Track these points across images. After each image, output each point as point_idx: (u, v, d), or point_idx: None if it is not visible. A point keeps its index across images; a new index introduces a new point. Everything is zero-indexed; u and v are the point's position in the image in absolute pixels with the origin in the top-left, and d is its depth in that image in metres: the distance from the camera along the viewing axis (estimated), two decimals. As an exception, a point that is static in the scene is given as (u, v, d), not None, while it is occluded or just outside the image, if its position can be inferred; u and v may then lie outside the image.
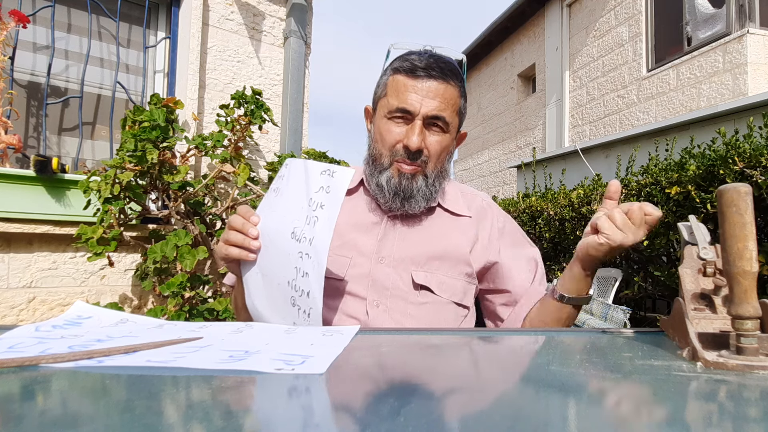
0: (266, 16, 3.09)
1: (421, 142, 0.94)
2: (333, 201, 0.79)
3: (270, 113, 2.67)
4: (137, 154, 2.10)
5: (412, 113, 0.94)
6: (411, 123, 0.95)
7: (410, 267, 0.97)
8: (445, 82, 0.95)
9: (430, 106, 0.94)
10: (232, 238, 0.85)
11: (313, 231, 0.78)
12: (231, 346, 0.55)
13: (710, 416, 0.37)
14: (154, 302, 2.61)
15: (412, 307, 0.96)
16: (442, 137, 0.98)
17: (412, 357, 0.58)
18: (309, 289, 0.78)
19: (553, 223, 3.83)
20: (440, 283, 0.98)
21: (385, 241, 0.99)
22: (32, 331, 0.60)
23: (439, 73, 0.95)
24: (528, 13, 8.63)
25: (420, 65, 0.95)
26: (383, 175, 0.97)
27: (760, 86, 4.87)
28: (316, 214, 0.79)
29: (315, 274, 0.77)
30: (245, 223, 0.85)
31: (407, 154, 0.95)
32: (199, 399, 0.41)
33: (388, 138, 0.96)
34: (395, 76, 0.97)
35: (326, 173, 0.81)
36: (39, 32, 2.58)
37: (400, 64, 0.98)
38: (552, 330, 0.84)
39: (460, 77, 1.00)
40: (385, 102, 0.98)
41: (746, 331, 0.47)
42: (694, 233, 0.61)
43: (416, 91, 0.94)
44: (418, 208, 0.98)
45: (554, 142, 7.91)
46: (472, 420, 0.36)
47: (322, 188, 0.81)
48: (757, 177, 2.12)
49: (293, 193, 0.84)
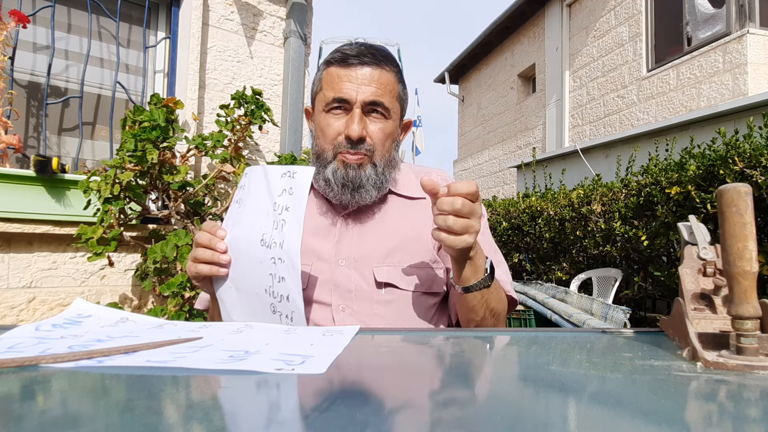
0: (266, 15, 3.09)
1: (362, 130, 0.92)
2: (297, 201, 0.78)
3: (270, 113, 2.67)
4: (137, 154, 2.10)
5: (349, 102, 0.92)
6: (350, 113, 0.93)
7: (371, 264, 0.95)
8: (379, 67, 0.94)
9: (366, 92, 0.92)
10: (200, 255, 0.83)
11: (282, 235, 0.78)
12: (231, 346, 0.55)
13: (710, 416, 0.37)
14: (154, 302, 2.61)
15: (378, 306, 0.93)
16: (384, 124, 0.95)
17: (411, 357, 0.58)
18: (288, 293, 0.77)
19: (553, 223, 3.83)
20: (404, 276, 0.95)
21: (342, 242, 0.97)
22: (32, 331, 0.60)
23: (371, 59, 0.93)
24: (528, 13, 8.63)
25: (352, 53, 0.94)
26: (328, 168, 0.95)
27: (760, 86, 4.87)
28: (283, 218, 0.78)
29: (291, 277, 0.76)
30: (212, 238, 0.83)
31: (350, 144, 0.93)
32: (199, 399, 0.41)
33: (329, 131, 0.94)
34: (328, 69, 0.96)
35: (287, 175, 0.80)
36: (39, 32, 2.57)
37: (332, 56, 0.96)
38: (552, 330, 0.84)
39: (395, 63, 0.98)
40: (322, 96, 0.96)
41: (746, 331, 0.47)
42: (694, 233, 0.61)
43: (350, 79, 0.92)
44: (369, 198, 0.95)
45: (554, 142, 7.91)
46: (473, 420, 0.36)
47: (284, 191, 0.80)
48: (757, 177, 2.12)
49: (256, 200, 0.83)
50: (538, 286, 3.69)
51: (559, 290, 3.33)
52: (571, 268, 3.84)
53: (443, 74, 11.56)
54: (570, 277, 3.77)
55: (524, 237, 4.25)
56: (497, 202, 4.95)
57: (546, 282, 3.84)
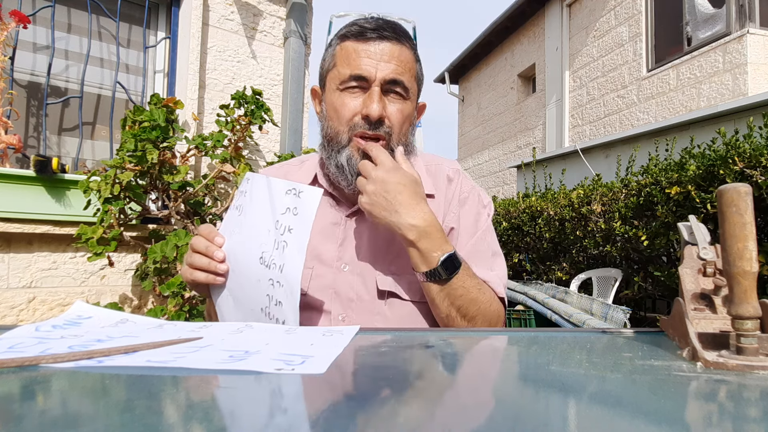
0: (266, 15, 3.09)
1: (382, 109, 0.84)
2: (302, 225, 0.73)
3: (270, 113, 2.67)
4: (137, 154, 2.10)
5: (367, 79, 0.85)
6: (368, 91, 0.85)
7: (375, 271, 0.90)
8: (400, 43, 0.87)
9: (386, 69, 0.85)
10: (197, 261, 0.80)
11: (282, 257, 0.74)
12: (231, 346, 0.55)
13: (710, 416, 0.37)
14: (154, 302, 2.61)
15: (378, 318, 0.89)
16: (403, 105, 0.88)
17: (411, 357, 0.58)
18: (284, 318, 0.74)
19: (553, 223, 3.83)
20: (409, 284, 0.90)
21: (346, 244, 0.92)
22: (32, 331, 0.60)
23: (392, 33, 0.86)
24: (528, 13, 8.63)
25: (369, 27, 0.86)
26: (342, 154, 0.87)
27: (760, 86, 4.87)
28: (285, 239, 0.74)
29: (289, 304, 0.73)
30: (209, 246, 0.80)
31: (368, 124, 0.85)
32: (199, 399, 0.41)
33: (344, 111, 0.86)
34: (343, 44, 0.88)
35: (292, 193, 0.75)
36: (39, 32, 2.57)
37: (348, 29, 0.88)
38: (552, 330, 0.84)
39: (413, 41, 0.92)
40: (336, 73, 0.88)
41: (746, 331, 0.47)
42: (694, 233, 0.61)
43: (369, 55, 0.85)
44: None
45: (554, 142, 7.91)
46: (473, 420, 0.36)
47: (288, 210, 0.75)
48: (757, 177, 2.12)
49: (258, 213, 0.79)
50: (538, 286, 3.69)
51: (559, 290, 3.33)
52: (571, 268, 3.84)
53: (443, 74, 11.55)
54: (570, 277, 3.77)
55: (524, 237, 4.25)
56: (497, 202, 4.95)
57: (546, 282, 3.84)
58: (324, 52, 0.94)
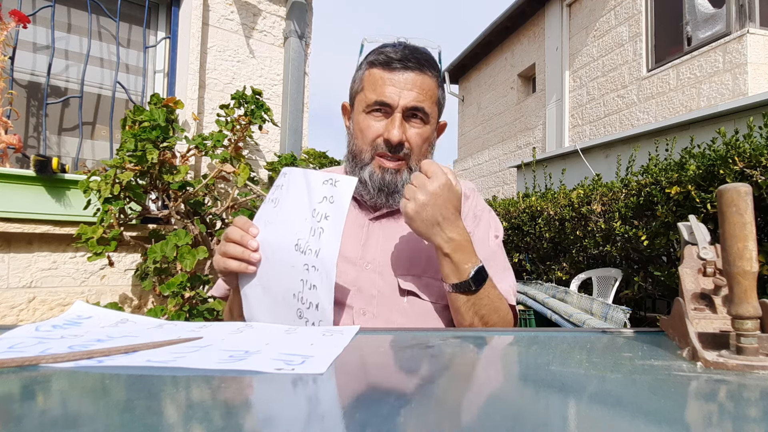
0: (266, 15, 3.09)
1: (402, 134, 0.93)
2: (338, 211, 0.78)
3: (270, 113, 2.67)
4: (137, 154, 2.10)
5: (390, 106, 0.93)
6: (390, 116, 0.94)
7: (397, 272, 0.96)
8: (422, 73, 0.94)
9: (408, 97, 0.93)
10: (231, 250, 0.83)
11: (318, 243, 0.77)
12: (231, 346, 0.55)
13: (710, 416, 0.37)
14: (154, 302, 2.61)
15: (399, 315, 0.93)
16: (423, 129, 0.96)
17: (411, 357, 0.58)
18: (318, 302, 0.77)
19: (553, 223, 3.83)
20: (427, 286, 0.96)
21: (368, 245, 0.98)
22: (32, 331, 0.60)
23: (415, 64, 0.94)
24: (528, 13, 8.63)
25: (396, 57, 0.94)
26: (365, 170, 0.96)
27: (760, 86, 4.87)
28: (321, 225, 0.78)
29: (324, 287, 0.76)
30: (244, 235, 0.83)
31: (388, 147, 0.94)
32: (199, 399, 0.41)
33: (368, 133, 0.95)
34: (371, 70, 0.96)
35: (329, 182, 0.80)
36: (39, 32, 2.58)
37: (375, 57, 0.96)
38: (552, 330, 0.84)
39: (436, 67, 0.99)
40: (363, 97, 0.97)
41: (746, 331, 0.47)
42: (694, 233, 0.61)
43: (393, 83, 0.93)
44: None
45: (554, 142, 7.91)
46: (473, 420, 0.36)
47: (325, 198, 0.79)
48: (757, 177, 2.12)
49: (294, 203, 0.83)
50: (538, 286, 3.69)
51: (559, 290, 3.33)
52: (571, 268, 3.85)
53: (443, 74, 11.48)
54: (570, 277, 3.77)
55: (524, 237, 4.25)
56: (497, 202, 4.95)
57: (546, 282, 3.84)
58: (354, 73, 1.03)
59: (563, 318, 2.92)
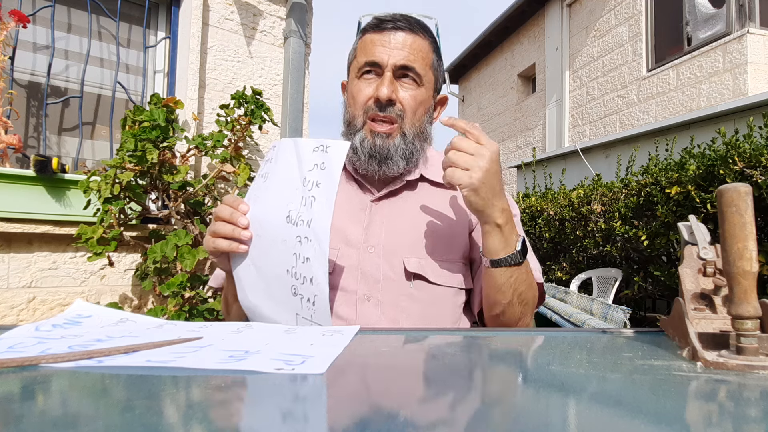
0: (266, 15, 3.09)
1: (391, 92, 0.90)
2: (330, 177, 0.73)
3: (270, 113, 2.67)
4: (137, 154, 2.10)
5: (380, 65, 0.91)
6: (381, 76, 0.92)
7: (402, 254, 0.91)
8: (413, 33, 0.93)
9: (398, 56, 0.91)
10: (220, 229, 0.80)
11: (310, 212, 0.73)
12: (231, 346, 0.55)
13: (710, 416, 0.37)
14: (154, 302, 2.61)
15: (406, 299, 0.89)
16: (416, 91, 0.93)
17: (411, 357, 0.58)
18: (312, 275, 0.72)
19: (553, 223, 3.83)
20: (435, 269, 0.91)
21: (371, 228, 0.93)
22: (32, 331, 0.60)
23: (405, 24, 0.93)
24: (528, 13, 8.63)
25: (386, 19, 0.94)
26: (357, 136, 0.92)
27: (760, 86, 4.87)
28: (313, 194, 0.73)
29: (317, 258, 0.71)
30: (233, 213, 0.80)
31: (378, 106, 0.91)
32: (199, 399, 0.41)
33: (359, 96, 0.93)
34: (363, 36, 0.96)
35: (319, 149, 0.75)
36: (39, 32, 2.57)
37: (368, 23, 0.96)
38: (552, 330, 0.84)
39: (431, 34, 0.97)
40: (355, 63, 0.96)
41: (746, 331, 0.47)
42: (694, 233, 0.61)
43: (383, 43, 0.92)
44: (397, 169, 0.93)
45: (554, 142, 7.91)
46: (473, 420, 0.36)
47: (316, 165, 0.74)
48: (757, 177, 2.12)
49: (284, 175, 0.78)
50: (538, 286, 3.67)
51: (559, 290, 3.33)
52: (571, 268, 3.84)
53: (443, 74, 11.53)
54: (570, 277, 3.77)
55: (524, 237, 4.24)
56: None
57: (546, 282, 3.84)
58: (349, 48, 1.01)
59: (563, 318, 2.92)
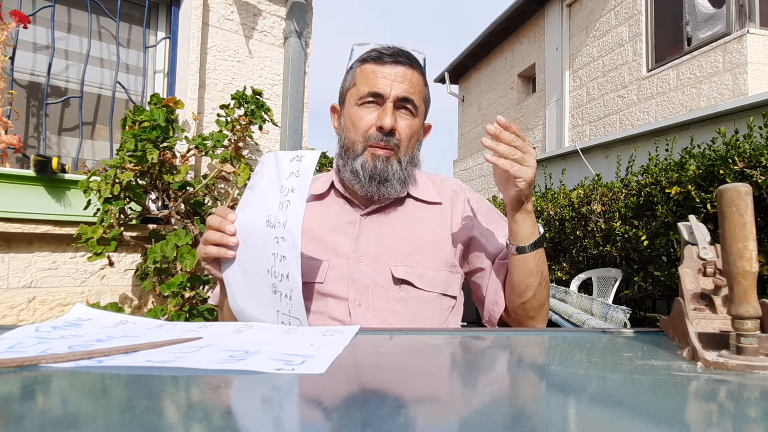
0: (266, 15, 3.09)
1: (394, 122, 0.97)
2: (302, 182, 0.80)
3: (270, 113, 2.67)
4: (137, 154, 2.10)
5: (383, 96, 0.97)
6: (382, 106, 0.98)
7: (389, 262, 0.98)
8: (412, 68, 1.00)
9: (399, 89, 0.97)
10: (210, 237, 0.86)
11: (286, 215, 0.79)
12: (231, 346, 0.55)
13: (710, 416, 0.37)
14: (154, 302, 2.61)
15: (395, 302, 0.95)
16: (412, 121, 1.00)
17: (411, 357, 0.58)
18: (287, 272, 0.78)
19: (553, 223, 3.83)
20: (421, 276, 0.98)
21: (360, 240, 1.00)
22: (32, 332, 0.60)
23: (405, 59, 0.99)
24: (528, 13, 8.63)
25: (387, 53, 1.00)
26: (357, 161, 0.98)
27: (760, 86, 4.87)
28: (288, 199, 0.80)
29: (292, 256, 0.77)
30: (222, 221, 0.86)
31: (381, 135, 0.97)
32: (199, 399, 0.41)
33: (361, 124, 0.98)
34: (363, 66, 1.01)
35: (295, 159, 0.82)
36: (39, 32, 2.57)
37: (368, 54, 1.02)
38: (552, 330, 0.84)
39: (423, 70, 1.05)
40: (355, 91, 1.01)
41: (746, 331, 0.47)
42: (694, 233, 0.61)
43: (385, 75, 0.98)
44: (394, 192, 1.00)
45: (554, 142, 7.91)
46: (472, 420, 0.36)
47: (292, 174, 0.82)
48: (757, 177, 2.12)
49: (266, 184, 0.86)
50: (538, 286, 3.67)
51: (559, 290, 3.33)
52: (571, 268, 3.84)
53: (443, 74, 11.55)
54: (570, 277, 3.77)
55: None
56: (497, 202, 4.95)
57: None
58: (345, 74, 1.07)
59: (563, 318, 2.92)
